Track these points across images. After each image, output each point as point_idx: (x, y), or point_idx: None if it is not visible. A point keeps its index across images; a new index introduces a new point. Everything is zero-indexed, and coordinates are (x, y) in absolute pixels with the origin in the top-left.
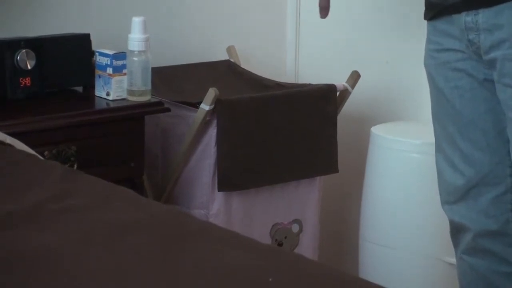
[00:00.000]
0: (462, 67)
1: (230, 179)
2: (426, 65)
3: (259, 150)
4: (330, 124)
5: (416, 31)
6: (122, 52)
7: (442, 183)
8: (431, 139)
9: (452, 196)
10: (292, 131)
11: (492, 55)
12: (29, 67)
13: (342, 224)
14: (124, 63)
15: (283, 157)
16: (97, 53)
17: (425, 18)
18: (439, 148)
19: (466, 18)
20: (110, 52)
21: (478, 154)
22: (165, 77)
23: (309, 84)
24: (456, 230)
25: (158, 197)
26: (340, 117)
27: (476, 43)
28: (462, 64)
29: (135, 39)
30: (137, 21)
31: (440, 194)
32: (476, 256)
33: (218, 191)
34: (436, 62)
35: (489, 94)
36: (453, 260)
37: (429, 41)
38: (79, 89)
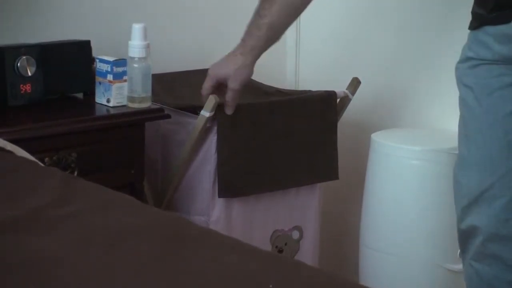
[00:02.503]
0: (494, 68)
1: (230, 185)
2: (458, 68)
3: (260, 156)
4: (331, 131)
5: (417, 38)
6: (123, 59)
7: (456, 186)
8: (431, 146)
9: (466, 199)
10: (293, 137)
11: None
12: (29, 73)
13: (343, 231)
14: (125, 69)
15: (284, 163)
16: (97, 60)
17: (469, 28)
18: (458, 150)
19: None
20: (111, 59)
21: (496, 154)
22: (165, 83)
23: (309, 91)
24: (466, 235)
25: (158, 203)
26: (341, 124)
27: None
28: (495, 67)
29: (136, 45)
30: (137, 28)
31: (455, 198)
32: (483, 263)
33: (219, 197)
34: (471, 64)
35: None
36: (453, 266)
37: (469, 48)
38: (80, 95)
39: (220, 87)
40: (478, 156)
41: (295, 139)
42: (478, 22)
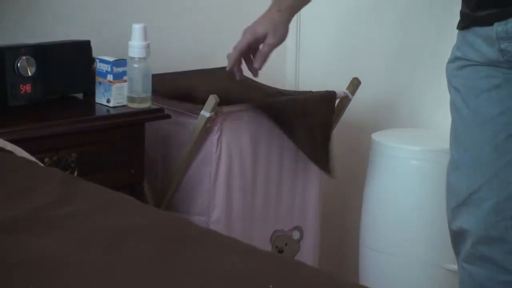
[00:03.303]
0: (481, 70)
1: None
2: (447, 68)
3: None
4: (327, 131)
5: (417, 38)
6: (123, 59)
7: (447, 187)
8: (431, 146)
9: (455, 200)
10: (293, 136)
11: None
12: (29, 73)
13: (343, 231)
14: (125, 70)
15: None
16: (97, 60)
17: (457, 28)
18: (450, 152)
19: (497, 28)
20: (111, 59)
21: (484, 156)
22: (165, 84)
23: (310, 91)
24: (457, 237)
25: (158, 204)
26: (341, 124)
27: (510, 51)
28: (482, 69)
29: (136, 46)
30: (137, 28)
31: (446, 199)
32: (475, 264)
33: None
34: (461, 64)
35: (504, 96)
36: (453, 267)
37: (457, 48)
38: (80, 95)
39: (248, 52)
40: (467, 158)
41: (296, 138)
42: (466, 22)
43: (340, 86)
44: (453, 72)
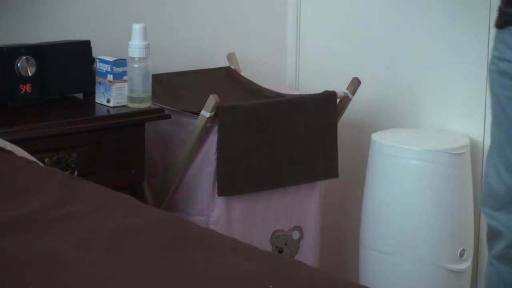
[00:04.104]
0: None
1: (230, 184)
2: (489, 70)
3: (260, 156)
4: (331, 131)
5: (417, 38)
6: (123, 59)
7: (486, 186)
8: (431, 146)
9: (494, 202)
10: (293, 137)
11: None
12: (29, 73)
13: (343, 231)
14: (125, 70)
15: (284, 162)
16: (97, 60)
17: (495, 25)
18: (490, 152)
19: None
20: (111, 59)
21: None
22: (165, 84)
23: (310, 94)
24: (492, 235)
25: (158, 204)
26: (341, 124)
27: None
28: None
29: (136, 46)
30: (137, 28)
31: (482, 196)
32: (505, 264)
33: (218, 195)
34: (496, 69)
35: None
36: (453, 267)
37: (494, 47)
38: (80, 95)
39: None
40: (506, 164)
41: (295, 138)
42: (502, 20)
43: (340, 86)
44: (495, 77)
